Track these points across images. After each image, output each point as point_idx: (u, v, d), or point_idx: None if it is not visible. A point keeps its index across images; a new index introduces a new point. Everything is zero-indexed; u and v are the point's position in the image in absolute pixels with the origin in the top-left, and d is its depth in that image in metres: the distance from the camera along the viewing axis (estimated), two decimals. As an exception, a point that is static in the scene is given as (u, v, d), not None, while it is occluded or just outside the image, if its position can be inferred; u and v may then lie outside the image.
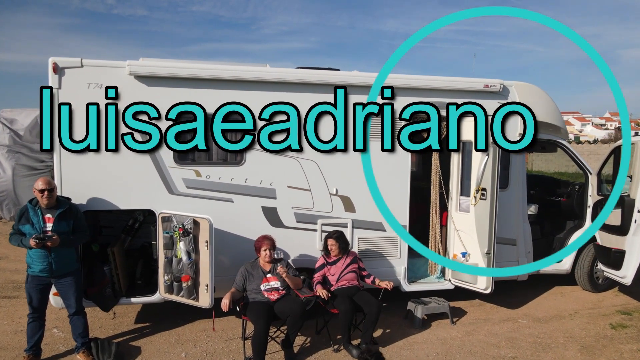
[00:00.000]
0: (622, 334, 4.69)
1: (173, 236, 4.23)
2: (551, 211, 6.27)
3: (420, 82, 5.03)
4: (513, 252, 5.45)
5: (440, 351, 4.26)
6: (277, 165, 4.65)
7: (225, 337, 4.51)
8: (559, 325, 4.89)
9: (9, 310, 5.18)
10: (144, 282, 4.74)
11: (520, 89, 5.34)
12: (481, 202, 4.83)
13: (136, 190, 4.40)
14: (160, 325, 4.75)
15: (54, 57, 4.10)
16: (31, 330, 3.95)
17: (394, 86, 4.80)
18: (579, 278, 5.89)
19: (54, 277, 3.89)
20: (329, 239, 4.48)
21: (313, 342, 4.43)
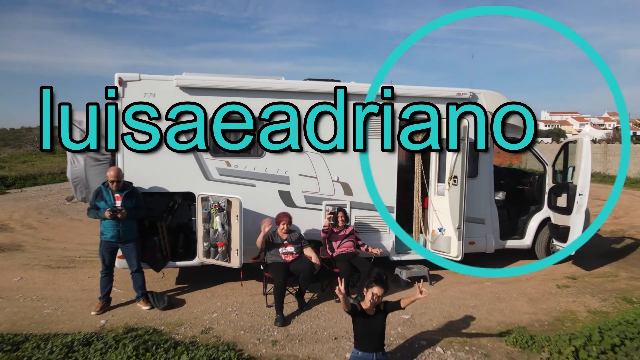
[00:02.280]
0: (564, 291, 5.90)
1: (210, 212, 5.41)
2: (517, 197, 7.45)
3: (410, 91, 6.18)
4: (482, 229, 6.66)
5: (419, 302, 5.44)
6: (290, 158, 5.84)
7: (250, 293, 5.70)
8: (516, 286, 6.09)
9: (71, 276, 6.37)
10: (184, 251, 5.93)
11: (487, 96, 6.53)
12: (453, 187, 6.02)
13: (181, 176, 5.59)
14: (197, 285, 5.94)
15: (119, 73, 5.29)
16: (104, 283, 5.14)
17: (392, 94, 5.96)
18: (538, 252, 7.09)
19: (120, 242, 5.09)
20: (339, 211, 5.67)
21: (319, 297, 5.63)
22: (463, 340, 4.47)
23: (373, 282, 3.59)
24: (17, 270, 6.59)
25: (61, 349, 3.94)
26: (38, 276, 6.32)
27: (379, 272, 3.65)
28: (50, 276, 6.33)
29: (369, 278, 3.68)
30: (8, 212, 11.35)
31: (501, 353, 4.19)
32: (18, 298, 5.45)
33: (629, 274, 6.64)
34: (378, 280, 3.58)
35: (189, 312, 5.10)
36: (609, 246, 8.37)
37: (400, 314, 5.03)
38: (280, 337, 4.49)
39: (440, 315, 5.10)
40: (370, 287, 3.59)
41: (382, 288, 3.55)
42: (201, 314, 5.05)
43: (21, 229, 9.60)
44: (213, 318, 4.93)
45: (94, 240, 8.44)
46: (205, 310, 5.16)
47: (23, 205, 12.51)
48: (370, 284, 3.60)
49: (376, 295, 3.55)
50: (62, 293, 5.65)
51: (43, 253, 7.59)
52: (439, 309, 5.28)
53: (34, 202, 13.29)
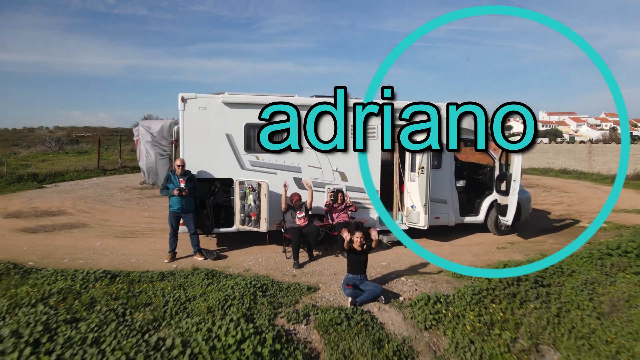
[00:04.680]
0: (501, 251, 8.09)
1: (245, 192, 7.59)
2: (474, 184, 9.63)
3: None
4: (445, 208, 8.85)
5: (394, 255, 7.66)
6: (303, 153, 8.00)
7: (273, 251, 7.87)
8: (467, 248, 8.28)
9: (138, 242, 8.53)
10: (225, 222, 8.10)
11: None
12: (421, 175, 8.20)
13: (223, 166, 7.76)
14: (233, 247, 8.12)
15: (182, 93, 7.46)
16: (172, 241, 7.32)
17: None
18: (489, 226, 9.28)
19: (183, 212, 7.26)
20: (339, 192, 7.83)
21: (323, 254, 7.80)
22: (421, 274, 6.66)
23: (354, 230, 5.78)
24: (94, 239, 8.74)
25: (157, 275, 6.13)
26: (113, 242, 8.48)
27: (357, 223, 5.85)
28: (122, 242, 8.49)
29: (352, 227, 5.88)
30: (59, 201, 13.48)
31: (443, 280, 6.38)
32: (107, 254, 7.62)
33: (555, 241, 8.84)
34: (358, 228, 5.78)
35: (232, 261, 7.28)
36: (550, 224, 10.56)
37: (381, 261, 7.22)
38: (297, 273, 6.68)
39: (408, 262, 7.29)
40: (353, 234, 5.76)
41: (360, 232, 5.74)
42: (241, 262, 7.24)
43: (78, 213, 11.73)
44: (250, 264, 7.12)
45: (142, 220, 10.69)
46: (243, 260, 7.35)
47: (67, 197, 14.63)
48: (353, 231, 5.78)
49: (357, 237, 5.72)
50: (137, 251, 7.82)
51: (107, 228, 9.75)
52: (408, 260, 7.47)
53: (74, 194, 15.41)
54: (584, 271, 6.27)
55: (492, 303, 5.43)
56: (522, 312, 5.26)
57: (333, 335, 4.84)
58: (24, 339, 4.40)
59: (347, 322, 5.02)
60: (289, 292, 5.82)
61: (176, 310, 5.11)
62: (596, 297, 5.53)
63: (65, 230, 9.47)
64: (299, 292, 5.83)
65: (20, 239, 8.48)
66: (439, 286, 6.16)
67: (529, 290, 5.68)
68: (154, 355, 4.25)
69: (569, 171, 24.42)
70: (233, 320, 4.73)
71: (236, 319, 4.77)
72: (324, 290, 6.03)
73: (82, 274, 5.98)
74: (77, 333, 4.52)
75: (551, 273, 6.23)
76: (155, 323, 4.85)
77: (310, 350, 4.68)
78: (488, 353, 4.69)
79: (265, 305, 5.34)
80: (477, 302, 5.45)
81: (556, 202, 14.03)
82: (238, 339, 4.43)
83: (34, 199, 13.65)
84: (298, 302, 5.59)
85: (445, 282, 6.34)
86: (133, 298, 5.33)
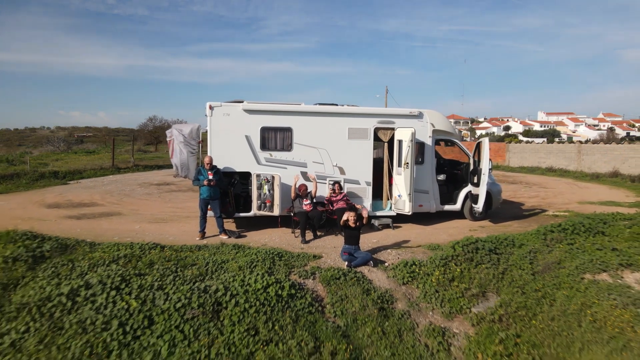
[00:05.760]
0: (473, 232, 9.75)
1: (261, 183, 9.26)
2: (453, 178, 11.30)
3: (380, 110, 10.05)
4: (427, 197, 10.53)
5: (383, 235, 9.33)
6: (308, 151, 9.67)
7: (284, 232, 9.54)
8: (445, 230, 9.96)
9: (170, 226, 10.19)
10: (243, 207, 9.77)
11: (429, 113, 10.38)
12: (406, 169, 9.86)
13: (243, 162, 9.42)
14: (250, 229, 9.78)
15: (210, 102, 9.13)
16: (201, 222, 9.00)
17: (360, 113, 9.84)
18: (465, 212, 10.96)
19: (210, 199, 8.92)
20: (337, 184, 9.50)
21: (326, 234, 9.47)
22: (403, 248, 8.34)
23: (348, 210, 7.45)
24: (132, 224, 10.39)
25: (195, 247, 7.80)
26: (148, 226, 10.13)
27: (352, 205, 7.53)
28: (157, 226, 10.15)
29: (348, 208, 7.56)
30: (88, 195, 15.13)
31: (420, 251, 8.06)
32: (148, 234, 9.27)
33: (520, 225, 10.51)
34: (352, 209, 7.46)
35: (251, 239, 8.96)
36: (520, 213, 12.24)
37: (372, 239, 8.90)
38: (304, 247, 8.36)
39: (395, 240, 8.97)
40: (349, 213, 7.45)
41: (354, 212, 7.42)
42: (258, 239, 8.92)
43: (109, 204, 13.38)
44: (266, 241, 8.80)
45: (168, 209, 12.34)
46: (260, 238, 9.03)
47: (93, 191, 16.27)
48: (349, 211, 7.46)
49: (351, 215, 7.39)
50: (171, 232, 9.49)
51: (139, 216, 11.40)
52: (394, 238, 9.15)
53: (98, 189, 17.05)
54: (530, 244, 7.93)
55: (455, 265, 7.11)
56: (476, 271, 6.94)
57: (333, 287, 6.51)
58: (108, 285, 6.07)
59: (344, 277, 6.70)
60: (299, 258, 7.49)
61: (215, 268, 6.79)
62: (535, 262, 7.20)
63: (104, 217, 11.13)
64: (306, 259, 7.50)
65: (70, 224, 10.13)
66: (416, 255, 7.83)
67: (484, 256, 7.35)
68: (204, 296, 5.92)
69: (555, 169, 26.06)
70: (259, 274, 6.40)
71: (261, 273, 6.44)
72: (326, 257, 7.71)
73: (138, 244, 7.65)
74: (145, 282, 6.18)
75: (505, 245, 7.90)
76: (200, 277, 6.52)
77: (317, 295, 6.36)
78: (447, 298, 6.37)
79: (281, 266, 7.02)
80: (443, 265, 7.13)
81: (532, 196, 15.70)
82: (264, 285, 6.11)
83: (64, 193, 15.29)
84: (306, 265, 7.26)
85: (422, 252, 8.01)
86: (182, 260, 7.00)
